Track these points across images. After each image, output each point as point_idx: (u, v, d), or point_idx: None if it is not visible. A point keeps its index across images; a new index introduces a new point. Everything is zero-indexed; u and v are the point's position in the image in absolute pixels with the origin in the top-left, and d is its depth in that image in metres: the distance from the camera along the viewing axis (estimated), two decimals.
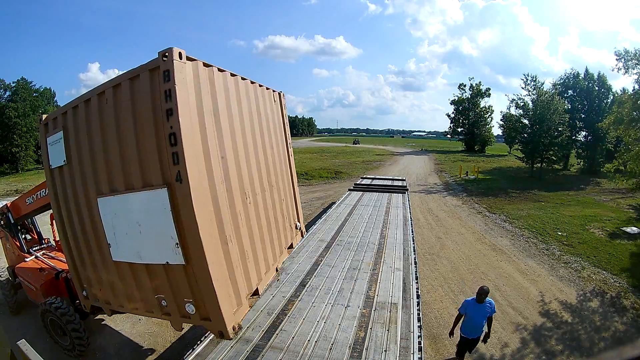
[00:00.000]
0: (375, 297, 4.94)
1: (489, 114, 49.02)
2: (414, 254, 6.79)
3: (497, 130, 46.48)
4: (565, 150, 28.06)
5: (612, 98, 27.20)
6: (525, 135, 27.35)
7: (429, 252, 10.92)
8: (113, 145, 3.22)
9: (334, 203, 12.21)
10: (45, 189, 5.78)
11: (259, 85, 4.77)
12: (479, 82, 51.09)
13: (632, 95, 17.29)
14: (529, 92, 27.53)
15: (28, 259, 6.90)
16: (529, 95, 27.57)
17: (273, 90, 5.37)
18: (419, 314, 4.46)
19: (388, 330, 4.06)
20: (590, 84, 28.94)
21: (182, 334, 6.38)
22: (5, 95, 33.06)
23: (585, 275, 9.41)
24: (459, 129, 52.03)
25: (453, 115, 51.87)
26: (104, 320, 6.76)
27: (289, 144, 5.82)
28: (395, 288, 5.25)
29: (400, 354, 3.64)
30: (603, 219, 14.45)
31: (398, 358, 3.59)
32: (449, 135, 56.17)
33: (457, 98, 51.16)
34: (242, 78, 4.13)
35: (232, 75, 3.88)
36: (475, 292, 5.00)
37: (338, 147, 57.06)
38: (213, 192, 3.16)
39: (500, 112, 37.21)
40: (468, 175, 26.77)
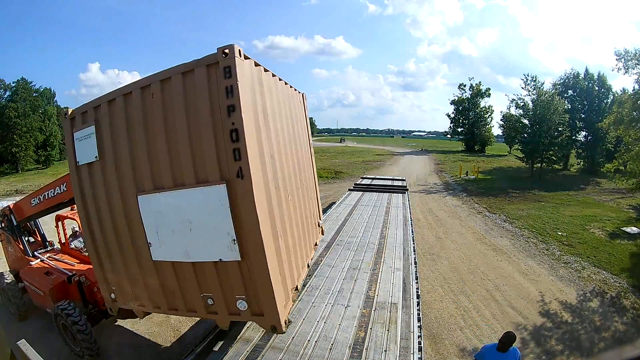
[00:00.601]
0: (375, 297, 4.94)
1: (489, 114, 49.01)
2: (414, 254, 6.79)
3: (497, 130, 46.48)
4: (565, 150, 28.06)
5: (612, 98, 27.23)
6: (525, 135, 27.36)
7: (429, 252, 10.91)
8: (159, 141, 3.09)
9: (334, 203, 12.21)
10: (54, 190, 5.64)
11: (290, 86, 4.82)
12: (479, 82, 51.08)
13: (632, 95, 17.30)
14: (529, 92, 27.56)
15: (33, 263, 6.63)
16: (529, 95, 27.61)
17: (298, 92, 5.46)
18: (419, 314, 4.47)
19: (388, 330, 4.06)
20: (590, 84, 28.95)
21: (182, 334, 6.39)
22: (5, 95, 33.12)
23: (585, 275, 9.41)
24: (459, 129, 51.98)
25: (453, 115, 51.82)
26: (103, 321, 6.75)
27: (311, 144, 5.94)
28: (395, 288, 5.24)
29: (400, 354, 3.64)
30: (603, 219, 14.45)
31: (398, 358, 3.59)
32: (449, 135, 56.11)
33: (457, 98, 51.12)
34: (279, 78, 4.18)
35: (273, 75, 3.90)
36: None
37: (338, 147, 57.08)
38: (267, 189, 3.17)
39: (500, 112, 37.17)
40: (468, 175, 26.78)
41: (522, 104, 28.10)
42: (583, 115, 28.92)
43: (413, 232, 8.42)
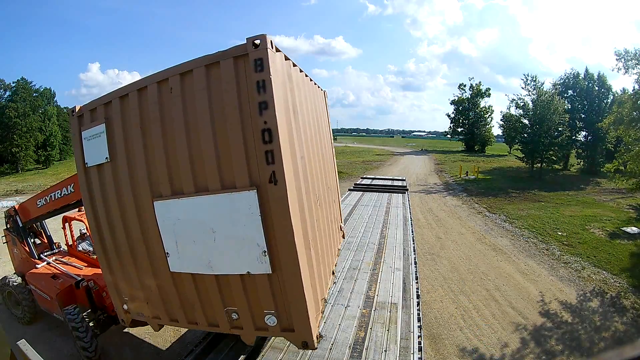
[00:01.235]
0: (375, 297, 4.93)
1: (489, 114, 49.08)
2: (414, 254, 6.78)
3: (497, 130, 46.53)
4: (565, 150, 28.08)
5: (612, 98, 27.25)
6: (525, 135, 27.40)
7: (429, 252, 10.92)
8: (179, 141, 2.80)
9: None
10: (61, 191, 5.45)
11: (314, 83, 4.52)
12: (479, 82, 51.16)
13: (632, 95, 17.31)
14: (529, 92, 27.64)
15: (39, 265, 6.50)
16: (529, 95, 27.69)
17: (320, 89, 5.16)
18: (419, 314, 4.46)
19: (388, 330, 4.05)
20: (590, 84, 28.99)
21: (182, 334, 6.39)
22: (5, 95, 33.16)
23: (585, 275, 9.42)
24: (459, 129, 52.02)
25: (453, 115, 51.86)
26: None
27: (332, 144, 5.67)
28: (395, 288, 5.24)
29: (400, 354, 3.64)
30: (603, 219, 14.46)
31: (398, 358, 3.58)
32: (449, 135, 56.12)
33: (457, 98, 51.17)
34: (305, 74, 3.88)
35: (300, 71, 3.62)
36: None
37: (337, 147, 56.97)
38: (299, 194, 2.89)
39: (500, 112, 37.24)
40: (468, 175, 26.77)
41: (522, 104, 28.20)
42: (583, 115, 28.97)
43: (413, 232, 8.41)
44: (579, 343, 6.57)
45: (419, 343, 3.84)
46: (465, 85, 50.68)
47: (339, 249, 5.34)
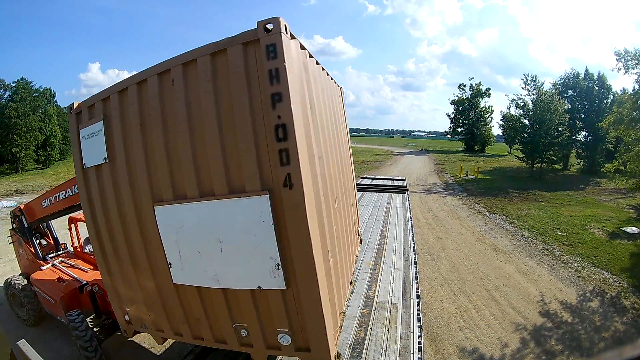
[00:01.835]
0: (375, 297, 4.93)
1: (489, 114, 49.09)
2: (414, 254, 6.78)
3: (497, 130, 46.52)
4: (565, 150, 28.10)
5: (612, 98, 27.27)
6: (525, 135, 27.39)
7: (429, 252, 10.92)
8: (181, 139, 2.56)
9: None
10: (65, 191, 5.32)
11: (331, 78, 4.20)
12: (479, 82, 51.16)
13: (632, 95, 17.31)
14: (529, 92, 27.65)
15: (44, 267, 6.41)
16: (529, 95, 27.71)
17: (337, 84, 4.83)
18: (419, 314, 4.46)
19: (388, 330, 4.05)
20: (590, 84, 28.99)
21: None
22: (5, 95, 33.11)
23: (585, 275, 9.41)
24: (459, 129, 52.01)
25: (453, 115, 51.86)
26: None
27: (349, 144, 5.35)
28: (395, 288, 5.24)
29: (400, 354, 3.64)
30: (603, 219, 14.45)
31: (398, 358, 3.58)
32: (449, 135, 56.14)
33: (457, 98, 51.16)
34: (322, 67, 3.58)
35: (317, 63, 3.32)
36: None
37: None
38: (317, 200, 2.57)
39: (500, 112, 37.25)
40: (468, 175, 26.76)
41: (522, 104, 28.22)
42: (583, 115, 28.98)
43: (413, 232, 8.41)
44: (579, 343, 6.57)
45: (419, 343, 3.84)
46: (465, 85, 50.73)
47: (356, 256, 4.99)
